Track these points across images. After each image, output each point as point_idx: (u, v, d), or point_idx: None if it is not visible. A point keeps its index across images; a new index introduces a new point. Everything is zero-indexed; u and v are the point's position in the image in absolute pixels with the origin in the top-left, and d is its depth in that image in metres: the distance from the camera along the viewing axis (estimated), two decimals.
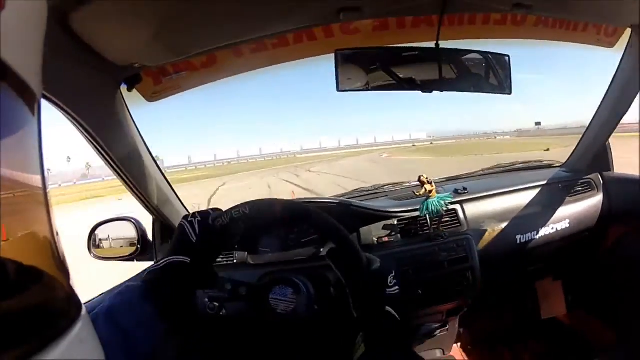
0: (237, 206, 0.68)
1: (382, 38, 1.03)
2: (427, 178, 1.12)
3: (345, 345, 0.73)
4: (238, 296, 0.75)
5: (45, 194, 0.25)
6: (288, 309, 0.74)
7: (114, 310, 0.54)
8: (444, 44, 0.99)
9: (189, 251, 0.61)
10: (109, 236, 1.23)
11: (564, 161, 1.42)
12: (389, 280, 0.67)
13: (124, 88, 0.99)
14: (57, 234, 0.26)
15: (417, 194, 1.14)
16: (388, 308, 0.65)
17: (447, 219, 1.19)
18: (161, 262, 0.61)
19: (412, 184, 1.44)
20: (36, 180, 0.24)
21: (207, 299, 1.01)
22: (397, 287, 0.67)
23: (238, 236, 0.72)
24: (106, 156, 0.98)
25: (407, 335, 0.67)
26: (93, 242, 1.20)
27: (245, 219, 0.67)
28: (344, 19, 0.91)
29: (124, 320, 0.53)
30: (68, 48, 0.75)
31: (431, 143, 64.14)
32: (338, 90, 1.01)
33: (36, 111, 0.24)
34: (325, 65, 1.03)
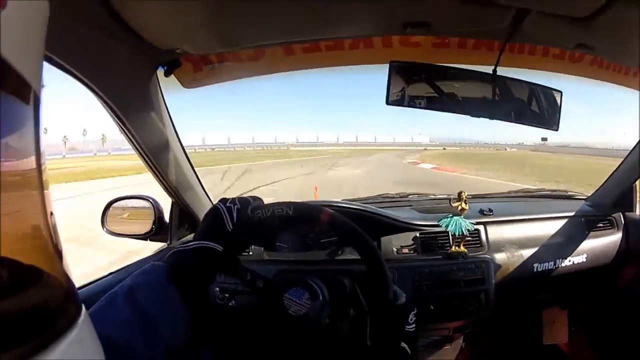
0: (279, 203, 0.66)
1: (441, 56, 1.00)
2: (466, 196, 1.12)
3: None
4: (255, 288, 0.73)
5: (46, 194, 0.25)
6: (300, 312, 0.73)
7: (137, 289, 0.51)
8: (501, 71, 0.97)
9: (223, 239, 0.58)
10: (124, 212, 1.23)
11: (589, 194, 1.45)
12: (410, 317, 0.67)
13: (160, 72, 0.93)
14: (58, 234, 0.26)
15: (452, 205, 1.13)
16: (404, 345, 0.65)
17: (469, 238, 1.19)
18: (190, 244, 0.58)
19: (438, 196, 1.44)
20: (35, 179, 0.24)
21: (217, 289, 0.98)
22: (414, 325, 0.67)
23: (275, 235, 0.70)
24: (131, 137, 0.95)
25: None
26: (107, 217, 1.19)
27: (285, 219, 0.65)
28: (410, 33, 0.87)
29: (146, 301, 0.50)
30: (108, 26, 0.71)
31: (444, 149, 60.88)
32: (387, 103, 0.98)
33: (36, 110, 0.24)
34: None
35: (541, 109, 1.02)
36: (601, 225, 1.30)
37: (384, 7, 0.76)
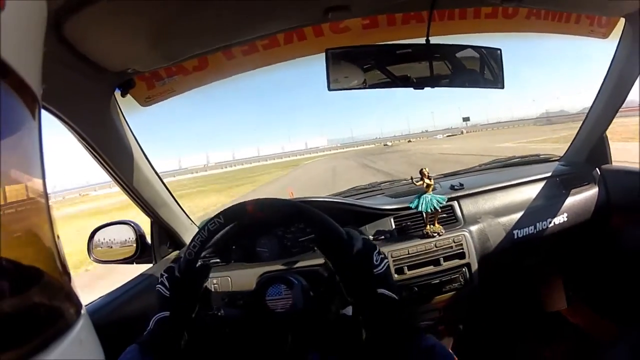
0: (211, 219, 0.70)
1: (373, 36, 1.03)
2: (428, 172, 1.12)
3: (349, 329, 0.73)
4: (237, 306, 0.77)
5: (46, 194, 0.25)
6: (287, 306, 0.75)
7: None
8: (436, 40, 0.99)
9: (167, 305, 0.68)
10: (107, 239, 1.24)
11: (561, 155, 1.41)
12: (375, 258, 0.65)
13: (117, 93, 1.01)
14: (57, 234, 0.26)
15: (416, 184, 1.13)
16: (382, 290, 0.62)
17: (444, 215, 1.19)
18: (151, 320, 0.68)
19: (408, 180, 1.44)
20: (37, 180, 0.24)
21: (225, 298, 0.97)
22: (384, 265, 0.65)
23: (232, 247, 0.73)
24: (102, 161, 0.99)
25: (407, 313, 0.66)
26: (93, 246, 1.22)
27: (221, 228, 0.69)
28: (332, 18, 0.91)
29: None
30: (61, 56, 0.76)
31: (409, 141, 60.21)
32: (329, 89, 1.00)
33: (36, 111, 0.24)
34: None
35: (482, 70, 1.02)
36: (577, 182, 1.27)
37: None
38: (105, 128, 0.99)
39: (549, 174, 1.28)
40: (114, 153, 1.02)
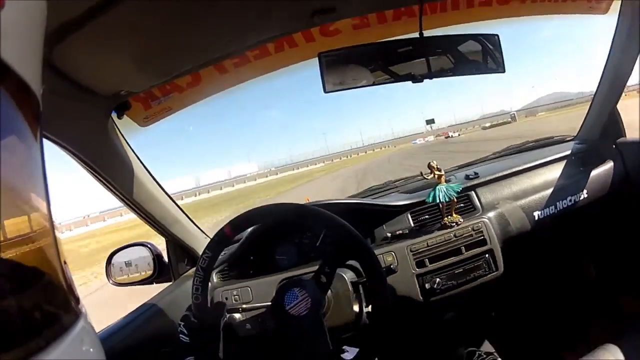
0: (197, 268, 0.75)
1: (365, 35, 1.01)
2: (436, 164, 1.11)
3: None
4: (265, 327, 0.79)
5: (47, 195, 0.25)
6: (308, 305, 0.75)
7: None
8: (430, 33, 0.97)
9: (190, 351, 0.72)
10: (125, 262, 1.27)
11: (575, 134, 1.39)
12: None
13: (115, 116, 1.01)
14: (57, 234, 0.26)
15: (427, 178, 1.12)
16: None
17: (461, 205, 1.18)
18: None
19: (424, 173, 1.44)
20: (38, 180, 0.24)
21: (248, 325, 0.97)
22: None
23: (222, 309, 0.77)
24: (108, 184, 1.00)
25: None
26: (111, 270, 1.24)
27: (210, 266, 0.74)
28: (319, 21, 0.90)
29: None
30: (53, 85, 0.77)
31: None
32: (325, 91, 0.99)
33: (37, 111, 0.24)
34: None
35: (481, 57, 1.00)
36: (594, 158, 1.25)
37: (287, 2, 0.80)
38: (107, 152, 1.00)
39: (564, 154, 1.26)
40: (119, 175, 1.02)
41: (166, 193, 1.19)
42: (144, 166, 1.11)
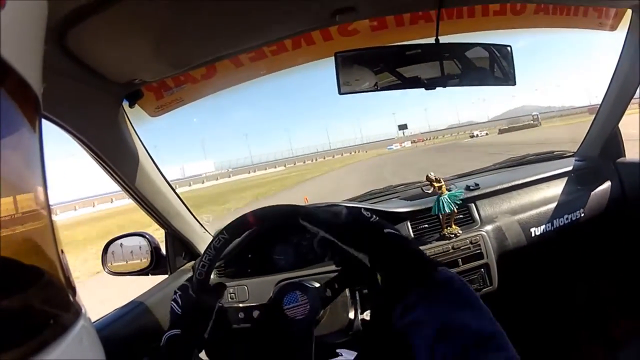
0: (215, 236, 0.70)
1: (382, 37, 1.02)
2: (434, 176, 1.11)
3: None
4: (254, 321, 0.77)
5: (47, 194, 0.25)
6: (306, 311, 0.74)
7: None
8: (445, 39, 0.98)
9: (178, 324, 0.67)
10: (122, 251, 1.25)
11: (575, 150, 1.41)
12: (365, 213, 0.65)
13: (126, 105, 1.00)
14: (57, 233, 0.26)
15: (427, 192, 1.12)
16: (388, 229, 0.61)
17: (460, 216, 1.18)
18: (163, 337, 0.67)
19: (423, 182, 1.43)
20: (38, 180, 0.24)
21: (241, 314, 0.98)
22: (374, 217, 0.65)
23: (221, 290, 0.76)
24: (113, 173, 0.99)
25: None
26: (107, 258, 1.22)
27: (228, 243, 0.69)
28: (340, 20, 0.91)
29: None
30: (66, 68, 0.76)
31: None
32: (340, 93, 1.00)
33: (37, 111, 0.24)
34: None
35: (492, 68, 1.02)
36: (592, 176, 1.26)
37: (309, 0, 0.80)
38: (115, 139, 0.99)
39: (564, 170, 1.27)
40: (125, 164, 1.01)
41: (170, 186, 1.18)
42: (151, 157, 1.10)
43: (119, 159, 1.00)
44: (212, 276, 1.17)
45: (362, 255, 0.64)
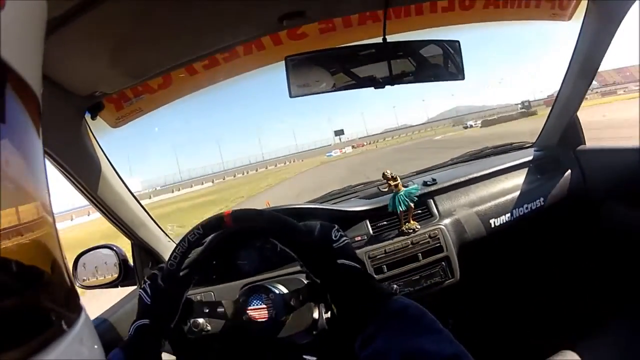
0: (191, 230, 0.70)
1: (331, 39, 1.03)
2: (390, 173, 1.12)
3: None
4: (219, 316, 0.78)
5: (48, 194, 0.25)
6: (266, 316, 0.76)
7: None
8: (394, 38, 0.99)
9: (147, 313, 0.68)
10: (91, 265, 1.24)
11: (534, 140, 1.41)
12: (333, 235, 0.65)
13: (88, 117, 1.03)
14: (58, 233, 0.26)
15: (383, 190, 1.13)
16: (341, 260, 0.62)
17: (419, 211, 1.19)
18: (131, 326, 0.67)
19: (381, 181, 1.45)
20: (38, 180, 0.24)
21: (190, 322, 1.00)
22: (342, 240, 0.65)
23: (193, 276, 0.75)
24: (77, 184, 1.01)
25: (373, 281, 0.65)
26: (78, 272, 1.22)
27: (201, 239, 0.70)
28: (287, 25, 0.93)
29: None
30: None
31: None
32: (291, 96, 1.01)
33: (37, 110, 0.24)
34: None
35: (442, 62, 1.02)
36: (551, 166, 1.27)
37: (256, 6, 0.81)
38: (78, 151, 1.01)
39: (523, 161, 1.28)
40: (88, 176, 1.03)
41: (134, 196, 1.19)
42: (114, 168, 1.11)
43: (83, 170, 1.01)
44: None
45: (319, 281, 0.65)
